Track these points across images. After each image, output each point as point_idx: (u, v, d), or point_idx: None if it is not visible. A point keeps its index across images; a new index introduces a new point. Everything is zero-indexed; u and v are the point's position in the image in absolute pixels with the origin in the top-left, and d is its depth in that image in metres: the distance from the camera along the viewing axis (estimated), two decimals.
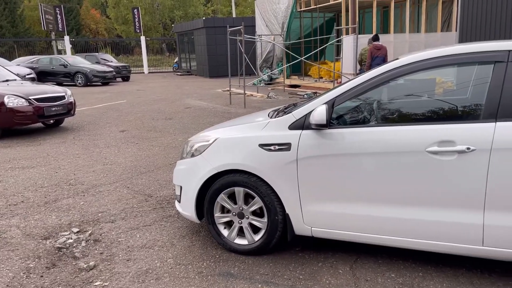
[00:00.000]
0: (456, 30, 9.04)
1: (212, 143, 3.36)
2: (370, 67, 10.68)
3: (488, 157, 2.55)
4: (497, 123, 2.57)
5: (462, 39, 8.29)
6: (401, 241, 2.89)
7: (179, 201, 3.61)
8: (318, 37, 17.23)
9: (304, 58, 14.90)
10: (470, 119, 2.72)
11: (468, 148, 2.58)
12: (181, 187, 3.54)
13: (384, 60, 10.68)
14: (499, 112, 2.59)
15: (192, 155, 3.48)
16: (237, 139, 3.26)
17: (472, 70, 3.15)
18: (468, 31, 8.04)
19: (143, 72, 31.68)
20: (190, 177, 3.43)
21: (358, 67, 11.46)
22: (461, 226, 2.69)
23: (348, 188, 2.93)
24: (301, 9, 17.55)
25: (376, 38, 11.07)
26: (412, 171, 2.75)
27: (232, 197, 3.35)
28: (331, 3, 15.67)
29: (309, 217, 3.09)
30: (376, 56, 10.81)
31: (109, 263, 3.30)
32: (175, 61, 33.61)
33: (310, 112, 2.99)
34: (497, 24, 7.28)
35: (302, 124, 3.06)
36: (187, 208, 3.50)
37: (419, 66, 2.85)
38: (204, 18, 26.34)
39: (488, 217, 2.61)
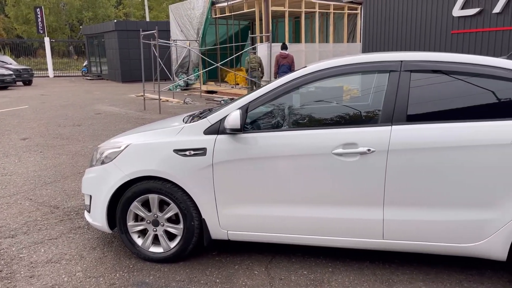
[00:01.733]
0: (360, 41, 9.75)
1: (124, 149, 3.25)
2: (277, 75, 11.15)
3: (385, 158, 2.79)
4: (392, 126, 2.83)
5: (365, 50, 8.95)
6: (313, 239, 3.04)
7: (89, 211, 3.43)
8: (233, 44, 17.47)
9: (220, 65, 15.01)
10: (370, 123, 2.96)
11: (368, 150, 2.81)
12: (90, 196, 3.37)
13: (290, 68, 11.18)
14: (394, 117, 2.85)
15: (102, 162, 3.34)
16: (151, 144, 3.20)
17: (372, 78, 3.43)
18: (370, 43, 8.71)
19: (48, 76, 29.51)
20: (100, 185, 3.28)
21: (273, 72, 11.86)
22: (364, 222, 2.90)
23: (262, 190, 3.02)
24: (216, 16, 17.67)
25: (283, 47, 11.55)
26: (320, 173, 2.91)
27: (146, 204, 3.27)
28: (245, 11, 16.00)
29: (225, 221, 3.12)
30: (282, 64, 11.30)
31: (9, 281, 3.03)
32: (84, 64, 31.81)
33: (225, 117, 3.03)
34: (395, 36, 7.99)
35: (217, 129, 3.09)
36: (97, 218, 3.35)
37: (325, 73, 3.04)
38: (115, 20, 25.32)
39: (387, 213, 2.85)
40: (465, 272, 3.03)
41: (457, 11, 6.79)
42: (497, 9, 6.14)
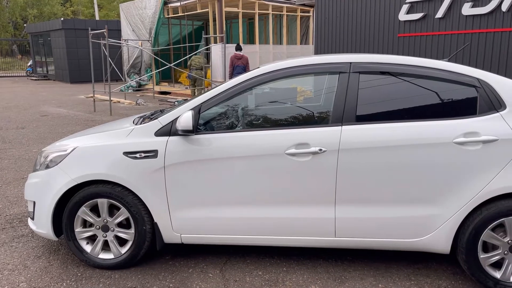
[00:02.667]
0: (313, 43, 9.93)
1: (70, 152, 3.11)
2: (232, 76, 11.18)
3: (336, 157, 2.85)
4: (342, 126, 2.89)
5: (317, 52, 9.12)
6: (267, 239, 3.04)
7: (33, 218, 3.25)
8: (187, 44, 17.27)
9: (173, 65, 14.78)
10: (322, 123, 3.01)
11: (320, 150, 2.85)
12: (34, 203, 3.20)
13: (244, 69, 11.24)
14: (344, 117, 2.91)
15: (47, 167, 3.18)
16: (99, 147, 3.08)
17: (324, 79, 3.50)
18: (322, 45, 8.88)
19: None
20: (44, 191, 3.12)
21: (228, 73, 11.86)
22: (317, 220, 2.95)
23: (216, 192, 2.99)
24: (169, 16, 17.40)
25: (238, 48, 11.58)
26: (274, 173, 2.93)
27: (95, 209, 3.14)
28: (198, 11, 15.87)
29: (178, 224, 3.06)
30: (237, 65, 11.33)
31: None
32: (28, 64, 30.25)
33: (177, 118, 2.98)
34: (346, 39, 8.20)
35: (168, 131, 3.03)
36: (42, 225, 3.18)
37: (277, 74, 3.06)
38: (62, 19, 24.28)
39: (339, 211, 2.91)
40: (412, 266, 3.15)
41: (403, 16, 7.07)
42: (439, 14, 6.45)
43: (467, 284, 2.90)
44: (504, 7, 5.67)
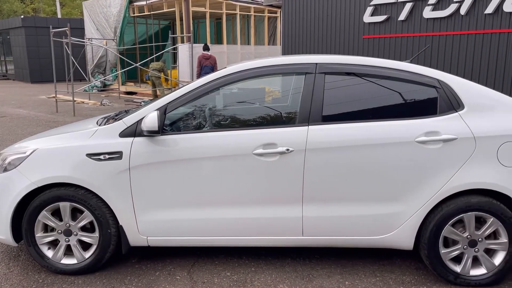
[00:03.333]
0: (280, 44, 9.99)
1: (30, 154, 3.00)
2: (199, 76, 11.11)
3: (303, 157, 2.88)
4: (309, 126, 2.92)
5: (285, 52, 9.18)
6: (236, 240, 3.04)
7: None
8: (153, 44, 17.01)
9: (139, 65, 14.52)
10: (289, 123, 3.03)
11: (287, 149, 2.87)
12: None
13: (212, 69, 11.20)
14: (310, 117, 2.94)
15: (5, 170, 3.05)
16: (61, 149, 2.98)
17: (291, 80, 3.53)
18: (289, 45, 8.95)
19: None
20: (2, 195, 2.99)
21: (196, 73, 11.77)
22: (285, 220, 2.96)
23: (184, 193, 2.96)
24: (135, 15, 17.09)
25: (205, 48, 11.52)
26: (242, 173, 2.92)
27: (57, 213, 3.04)
28: (164, 10, 15.66)
29: (144, 226, 3.01)
30: (205, 65, 11.26)
31: None
32: None
33: (142, 119, 2.92)
34: (312, 40, 8.30)
35: (133, 131, 2.97)
36: (0, 231, 3.05)
37: (244, 75, 3.05)
38: (22, 16, 23.40)
39: (306, 210, 2.94)
40: (378, 263, 3.22)
41: (367, 18, 7.22)
42: (402, 17, 6.63)
43: (429, 279, 2.99)
44: (462, 11, 5.89)
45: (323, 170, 2.88)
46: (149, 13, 16.28)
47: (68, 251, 3.10)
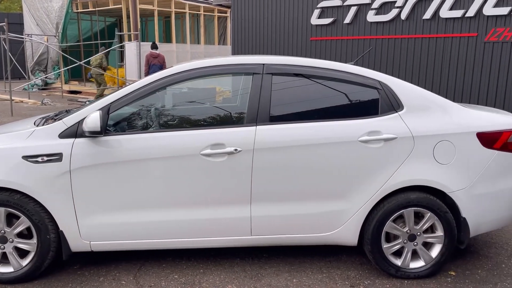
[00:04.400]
0: (230, 44, 9.98)
1: None
2: (147, 75, 10.89)
3: (251, 157, 2.89)
4: (257, 126, 2.94)
5: (235, 52, 9.19)
6: (184, 242, 2.99)
7: None
8: (99, 41, 16.43)
9: (84, 63, 13.96)
10: (237, 123, 3.03)
11: (235, 150, 2.87)
12: None
13: (161, 68, 11.01)
14: (258, 117, 2.96)
15: None
16: None
17: (240, 80, 3.53)
18: (239, 46, 8.97)
19: None
20: None
21: (144, 72, 11.50)
22: (233, 220, 2.96)
23: (128, 196, 2.88)
24: (78, 10, 16.41)
25: (154, 47, 11.30)
26: (189, 174, 2.88)
27: None
28: (110, 7, 15.18)
29: (87, 231, 2.89)
30: (153, 64, 11.05)
31: None
32: None
33: (84, 119, 2.81)
34: (261, 40, 8.36)
35: (74, 132, 2.84)
36: None
37: (190, 74, 3.01)
38: None
39: (254, 209, 2.95)
40: (324, 259, 3.30)
41: (315, 20, 7.38)
42: (347, 20, 6.84)
43: (372, 273, 3.11)
44: (403, 16, 6.17)
45: (271, 169, 2.90)
46: (94, 9, 15.71)
47: (4, 259, 2.92)
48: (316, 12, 7.30)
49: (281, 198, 2.95)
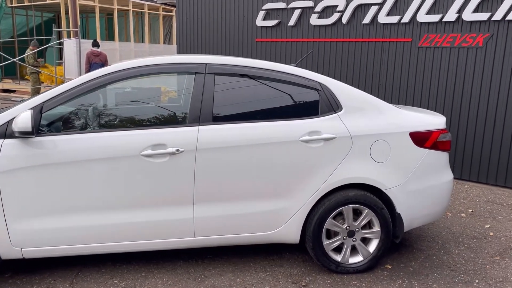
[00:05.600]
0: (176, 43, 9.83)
1: None
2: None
3: (194, 157, 2.86)
4: (200, 126, 2.92)
5: (180, 52, 9.06)
6: (125, 245, 2.90)
7: None
8: (35, 38, 15.54)
9: (18, 60, 13.16)
10: (180, 123, 2.99)
11: (177, 150, 2.83)
12: None
13: (103, 67, 10.65)
14: (201, 117, 2.94)
15: None
16: None
17: (183, 79, 3.49)
18: (184, 45, 8.85)
19: None
20: None
21: (85, 70, 11.03)
22: (176, 222, 2.92)
23: (64, 199, 2.75)
24: (13, 5, 15.46)
25: (95, 44, 10.90)
26: (129, 176, 2.81)
27: None
28: (47, 2, 14.45)
29: (18, 237, 2.73)
30: (94, 63, 10.66)
31: None
32: None
33: (13, 119, 2.64)
34: (207, 41, 8.31)
35: (3, 133, 2.67)
36: None
37: (129, 73, 2.93)
38: None
39: (197, 210, 2.93)
40: (268, 258, 3.34)
41: (260, 21, 7.44)
42: (291, 22, 6.97)
43: (314, 269, 3.18)
44: (344, 20, 6.38)
45: (214, 170, 2.89)
46: (29, 3, 14.86)
47: None
48: (261, 13, 7.37)
49: (225, 198, 2.95)
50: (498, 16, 5.02)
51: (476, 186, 5.27)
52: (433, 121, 3.28)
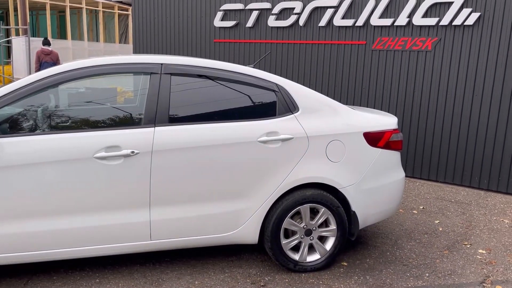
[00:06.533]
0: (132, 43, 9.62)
1: None
2: None
3: (150, 159, 2.81)
4: (156, 128, 2.86)
5: (137, 51, 8.87)
6: (78, 251, 2.80)
7: None
8: None
9: None
10: (135, 124, 2.93)
11: (132, 152, 2.76)
12: None
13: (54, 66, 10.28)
14: (157, 118, 2.89)
15: None
16: None
17: (139, 80, 3.41)
18: (141, 45, 8.68)
19: None
20: None
21: (34, 69, 10.56)
22: (132, 225, 2.85)
23: (10, 205, 2.62)
24: None
25: (45, 43, 10.48)
26: (82, 179, 2.72)
27: None
28: None
29: None
30: (45, 62, 10.25)
31: None
32: None
33: None
34: (165, 41, 8.19)
35: None
36: None
37: (80, 73, 2.84)
38: None
39: (154, 213, 2.87)
40: (227, 259, 3.33)
41: (218, 22, 7.43)
42: (249, 23, 7.00)
43: (272, 269, 3.21)
44: (301, 22, 6.48)
45: (171, 172, 2.85)
46: None
47: None
48: (219, 14, 7.35)
49: (182, 200, 2.91)
50: (445, 21, 5.27)
51: (427, 184, 5.50)
52: (386, 121, 3.40)
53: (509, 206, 4.71)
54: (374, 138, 3.25)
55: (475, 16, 5.08)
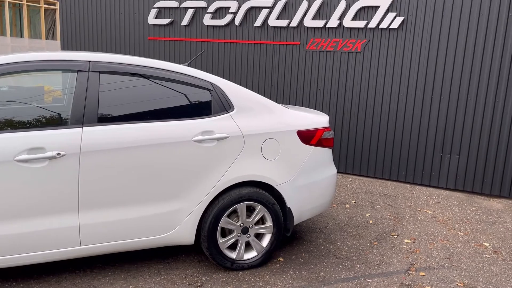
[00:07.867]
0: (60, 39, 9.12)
1: None
2: None
3: (78, 161, 2.67)
4: (83, 128, 2.73)
5: (65, 48, 8.43)
6: (1, 260, 2.60)
7: None
8: None
9: None
10: (62, 125, 2.77)
11: (58, 154, 2.62)
12: None
13: None
14: (85, 118, 2.76)
15: None
16: None
17: (67, 78, 3.23)
18: (69, 42, 8.25)
19: None
20: None
21: None
22: (58, 231, 2.70)
23: None
24: None
25: None
26: (2, 183, 2.52)
27: None
28: None
29: None
30: None
31: None
32: None
33: None
34: (96, 38, 7.84)
35: None
36: None
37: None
38: None
39: (83, 217, 2.74)
40: (163, 262, 3.26)
41: (152, 20, 7.25)
42: (185, 22, 6.91)
43: (210, 269, 3.19)
44: (236, 22, 6.50)
45: (101, 173, 2.74)
46: None
47: None
48: (153, 11, 7.17)
49: (114, 203, 2.81)
50: (372, 24, 5.55)
51: (358, 179, 5.76)
52: (318, 120, 3.51)
53: (431, 198, 5.07)
54: (307, 136, 3.34)
55: (399, 20, 5.40)
